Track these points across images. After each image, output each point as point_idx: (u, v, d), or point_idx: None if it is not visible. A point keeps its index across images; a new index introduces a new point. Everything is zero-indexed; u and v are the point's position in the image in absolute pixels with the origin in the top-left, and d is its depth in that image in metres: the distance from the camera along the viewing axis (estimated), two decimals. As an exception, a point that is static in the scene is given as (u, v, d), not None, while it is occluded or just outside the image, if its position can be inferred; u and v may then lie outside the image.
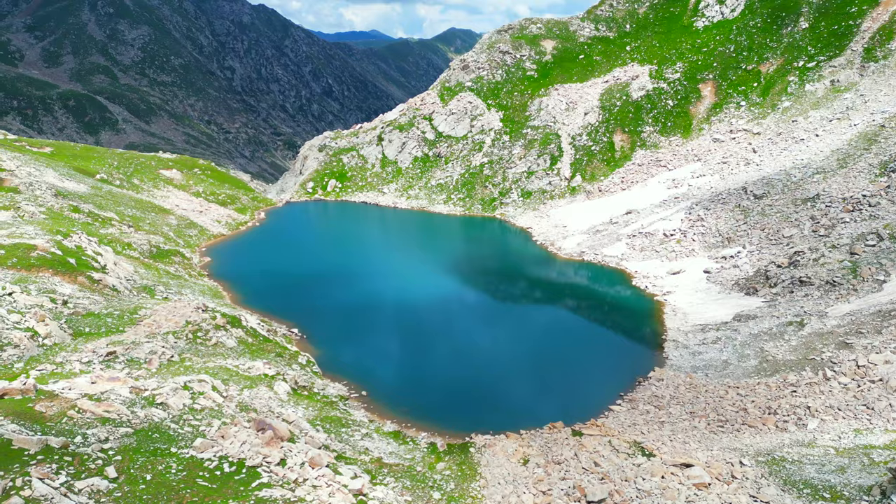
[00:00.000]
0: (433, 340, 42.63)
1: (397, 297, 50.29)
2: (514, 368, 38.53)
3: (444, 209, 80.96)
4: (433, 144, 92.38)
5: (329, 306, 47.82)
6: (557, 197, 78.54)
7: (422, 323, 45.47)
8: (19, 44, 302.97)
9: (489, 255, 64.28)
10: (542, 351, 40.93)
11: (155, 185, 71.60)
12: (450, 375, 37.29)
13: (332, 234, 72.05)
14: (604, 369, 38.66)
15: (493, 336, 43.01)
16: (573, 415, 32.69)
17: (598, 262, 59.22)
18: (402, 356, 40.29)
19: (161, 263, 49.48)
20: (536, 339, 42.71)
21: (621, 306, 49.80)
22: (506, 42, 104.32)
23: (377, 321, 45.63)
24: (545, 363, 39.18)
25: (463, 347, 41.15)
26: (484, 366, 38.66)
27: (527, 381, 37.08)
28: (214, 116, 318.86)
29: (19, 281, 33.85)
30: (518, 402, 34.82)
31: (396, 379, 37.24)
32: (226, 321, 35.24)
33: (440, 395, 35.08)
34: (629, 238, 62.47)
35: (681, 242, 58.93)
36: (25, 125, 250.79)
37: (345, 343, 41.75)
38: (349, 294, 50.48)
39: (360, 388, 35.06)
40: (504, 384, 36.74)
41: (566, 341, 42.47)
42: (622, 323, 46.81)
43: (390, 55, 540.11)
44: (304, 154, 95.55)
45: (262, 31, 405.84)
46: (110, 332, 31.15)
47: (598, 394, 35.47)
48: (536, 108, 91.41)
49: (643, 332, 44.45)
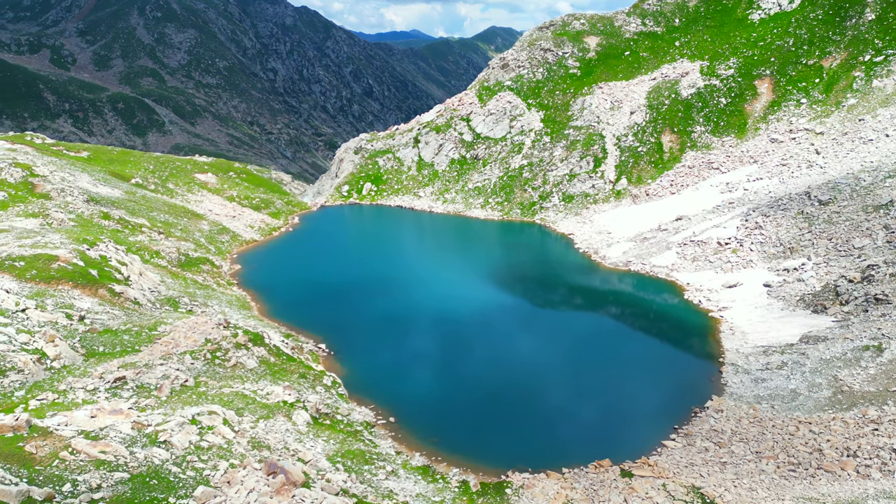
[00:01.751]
0: (467, 359, 39.83)
1: (430, 310, 47.68)
2: (555, 393, 35.41)
3: (481, 214, 78.03)
4: (471, 146, 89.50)
5: (359, 319, 45.55)
6: (601, 201, 74.62)
7: (456, 339, 42.73)
8: (72, 48, 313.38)
9: (528, 263, 61.02)
10: (586, 373, 37.66)
11: (189, 190, 70.88)
12: (485, 399, 34.45)
13: (366, 240, 69.96)
14: (655, 397, 35.17)
15: (532, 356, 39.94)
16: (622, 451, 29.43)
17: (645, 273, 55.37)
18: (435, 376, 37.63)
19: (189, 272, 48.13)
20: (579, 360, 39.43)
21: (672, 323, 45.98)
22: (547, 39, 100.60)
23: (409, 336, 43.13)
24: (590, 388, 35.93)
25: (499, 368, 38.24)
26: (522, 389, 35.67)
27: (570, 409, 33.93)
28: (257, 117, 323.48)
29: (36, 295, 32.56)
30: (560, 434, 31.71)
31: (427, 402, 34.59)
32: (247, 339, 33.24)
33: (474, 423, 32.27)
34: (679, 247, 58.35)
35: (737, 252, 54.56)
36: (76, 127, 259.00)
37: (374, 360, 39.37)
38: (380, 305, 48.13)
39: (388, 413, 32.55)
40: (544, 411, 33.68)
41: (612, 363, 39.07)
42: (674, 342, 43.05)
43: (430, 55, 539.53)
44: (339, 156, 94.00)
45: (304, 33, 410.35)
46: (125, 352, 29.45)
47: (649, 426, 32.06)
48: (579, 108, 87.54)
49: (698, 354, 40.66)
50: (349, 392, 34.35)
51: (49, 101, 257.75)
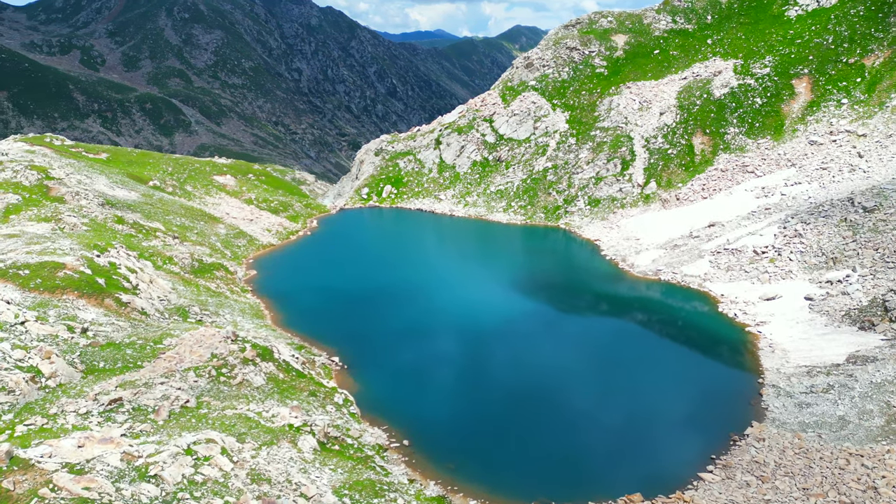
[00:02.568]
0: (487, 375, 37.73)
1: (449, 321, 45.68)
2: (581, 416, 33.13)
3: (504, 217, 75.77)
4: (493, 148, 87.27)
5: (375, 329, 43.77)
6: (629, 205, 71.82)
7: (475, 354, 40.66)
8: (101, 49, 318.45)
9: (552, 271, 58.58)
10: (614, 394, 35.30)
11: (207, 192, 69.96)
12: (506, 421, 32.34)
13: (384, 245, 68.20)
14: (689, 421, 32.66)
15: (557, 373, 37.67)
16: (654, 483, 27.10)
17: (676, 283, 52.64)
18: (453, 394, 35.61)
19: (202, 279, 46.87)
20: (607, 378, 37.07)
21: (706, 338, 43.28)
22: (573, 37, 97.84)
23: (427, 349, 41.15)
24: (618, 410, 33.57)
25: (521, 386, 36.07)
26: (545, 410, 33.49)
27: (597, 434, 31.64)
28: (281, 117, 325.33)
29: (39, 305, 31.34)
30: (587, 462, 29.47)
31: (445, 423, 32.61)
32: (255, 353, 31.62)
33: (494, 447, 30.18)
34: (713, 255, 55.45)
35: (775, 262, 51.52)
36: (105, 127, 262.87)
37: (389, 375, 37.51)
38: (398, 315, 46.31)
39: (402, 435, 30.64)
40: (570, 436, 31.45)
41: (642, 382, 36.62)
42: (708, 360, 40.37)
43: (454, 54, 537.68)
44: (360, 158, 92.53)
45: (329, 33, 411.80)
46: (126, 368, 28.00)
47: (683, 455, 29.62)
48: (606, 108, 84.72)
49: (735, 373, 37.98)
50: (362, 411, 32.54)
51: (78, 101, 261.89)
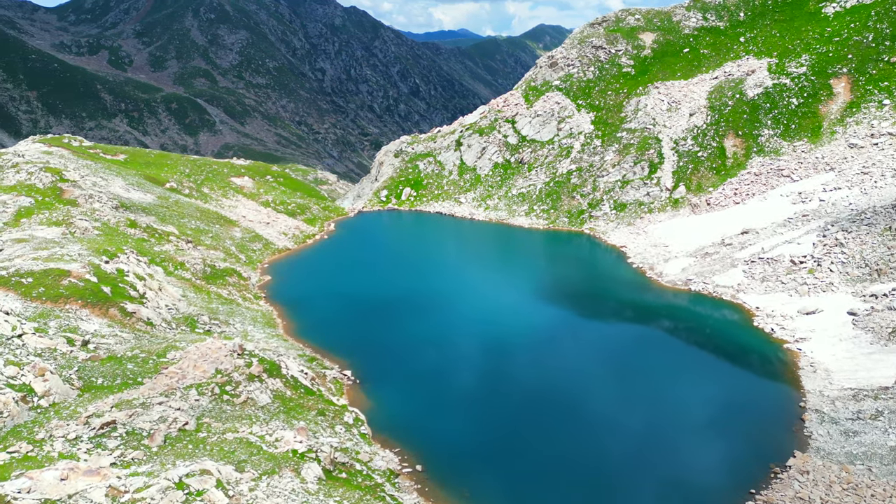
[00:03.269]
0: (508, 393, 35.66)
1: (467, 333, 43.72)
2: (607, 442, 30.92)
3: (526, 222, 73.49)
4: (515, 149, 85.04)
5: (390, 340, 42.00)
6: (657, 210, 69.03)
7: (495, 370, 38.64)
8: (129, 49, 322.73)
9: (576, 279, 56.14)
10: (643, 418, 32.99)
11: (224, 194, 69.01)
12: (526, 445, 30.30)
13: (402, 249, 66.42)
14: (725, 450, 30.23)
15: (581, 393, 35.47)
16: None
17: (707, 294, 49.94)
18: (470, 413, 33.65)
19: (214, 285, 45.61)
20: (635, 401, 34.74)
21: (741, 356, 40.64)
22: (599, 36, 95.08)
23: (444, 363, 39.23)
24: (648, 436, 31.27)
25: (543, 407, 33.97)
26: (569, 434, 31.38)
27: (624, 463, 29.39)
28: (305, 117, 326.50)
29: (40, 316, 30.16)
30: (614, 495, 27.27)
31: (460, 446, 30.67)
32: (262, 369, 30.04)
33: (513, 475, 28.16)
34: (746, 264, 52.60)
35: (814, 273, 48.55)
36: (132, 127, 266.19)
37: (404, 391, 35.71)
38: (414, 326, 44.48)
39: (416, 459, 28.79)
40: (595, 464, 29.31)
41: (673, 405, 34.24)
42: (744, 380, 37.76)
43: (477, 53, 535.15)
44: (379, 159, 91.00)
45: (352, 33, 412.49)
46: (125, 385, 26.61)
47: (720, 489, 27.26)
48: (633, 109, 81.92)
49: (774, 396, 35.37)
50: (373, 431, 30.78)
51: (106, 101, 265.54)
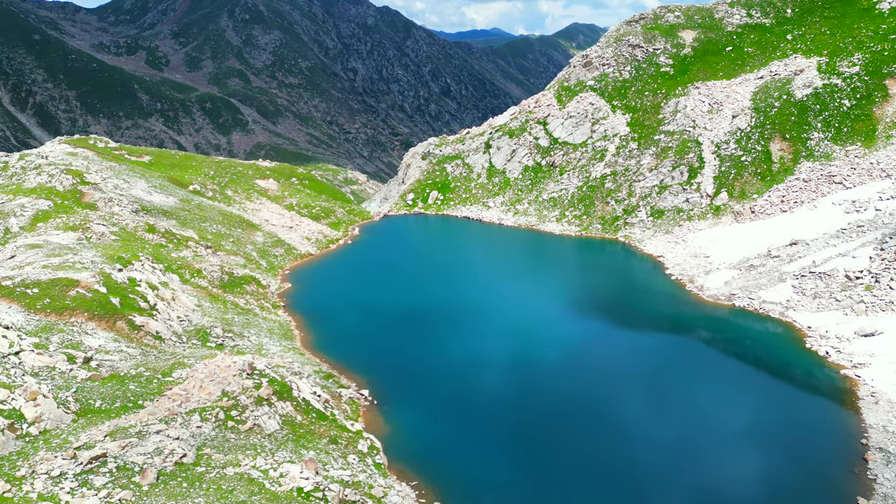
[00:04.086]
0: (537, 419, 33.03)
1: (495, 349, 41.20)
2: (648, 479, 28.07)
3: (557, 228, 70.52)
4: (547, 152, 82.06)
5: (413, 356, 39.79)
6: (697, 218, 65.36)
7: (522, 391, 36.03)
8: (165, 49, 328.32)
9: (610, 292, 52.91)
10: (686, 451, 30.08)
11: (248, 197, 67.81)
12: (557, 479, 27.70)
13: (428, 256, 64.08)
14: (777, 494, 27.09)
15: (617, 421, 32.61)
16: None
17: (753, 310, 46.44)
18: (496, 440, 31.15)
19: (230, 294, 44.05)
20: (677, 431, 31.78)
21: (793, 382, 37.25)
22: (636, 34, 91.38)
23: (469, 382, 36.76)
24: (692, 476, 28.36)
25: (577, 436, 31.30)
26: (605, 466, 28.67)
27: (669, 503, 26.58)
28: (336, 117, 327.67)
29: (42, 330, 28.74)
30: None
31: (485, 479, 28.24)
32: (272, 391, 28.07)
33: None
34: (796, 279, 48.87)
35: (872, 290, 44.67)
36: (167, 126, 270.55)
37: (425, 413, 33.45)
38: (438, 340, 42.19)
39: (435, 495, 26.45)
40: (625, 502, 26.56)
41: (718, 439, 31.20)
42: (797, 410, 34.35)
43: (509, 52, 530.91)
44: (406, 162, 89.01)
45: (384, 33, 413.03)
46: (124, 409, 24.90)
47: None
48: (672, 110, 78.19)
49: (831, 430, 32.00)
50: (389, 459, 28.55)
51: (143, 100, 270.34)
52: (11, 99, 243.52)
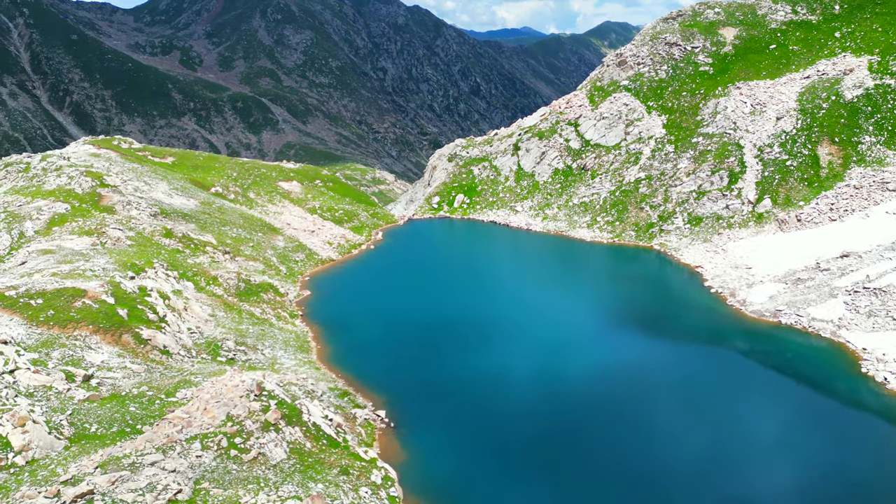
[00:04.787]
0: (567, 448, 30.55)
1: (520, 367, 38.77)
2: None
3: (588, 235, 67.59)
4: (578, 155, 79.06)
5: (435, 373, 37.65)
6: (738, 226, 61.77)
7: (551, 414, 33.52)
8: (199, 49, 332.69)
9: (645, 305, 49.77)
10: (732, 487, 27.26)
11: (271, 200, 66.53)
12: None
13: (452, 263, 61.73)
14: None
15: (658, 457, 29.82)
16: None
17: (801, 329, 43.04)
18: (521, 470, 28.80)
19: (246, 303, 42.51)
20: (718, 466, 28.97)
21: (847, 412, 34.02)
22: (674, 32, 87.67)
23: (494, 404, 34.42)
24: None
25: (610, 470, 28.76)
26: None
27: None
28: (365, 116, 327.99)
29: (43, 345, 27.36)
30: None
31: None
32: (280, 415, 26.21)
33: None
34: (849, 294, 45.27)
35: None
36: (199, 125, 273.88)
37: (445, 439, 31.25)
38: (462, 356, 39.93)
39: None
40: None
41: (766, 471, 28.27)
42: (849, 442, 31.16)
43: (540, 51, 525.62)
44: (432, 163, 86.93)
45: (415, 32, 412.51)
46: (121, 435, 23.30)
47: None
48: (711, 112, 74.49)
49: (889, 462, 28.81)
50: (405, 492, 26.44)
51: (176, 100, 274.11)
52: (49, 98, 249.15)
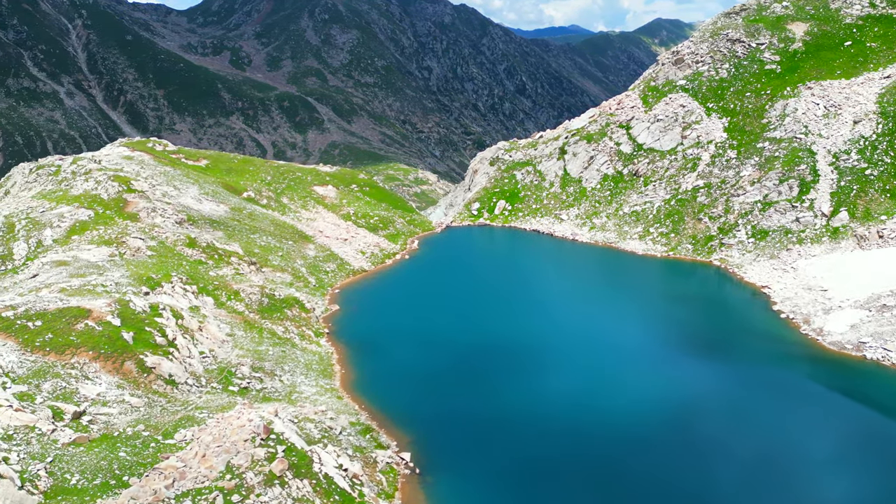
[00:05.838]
0: (618, 501, 26.39)
1: (567, 404, 34.50)
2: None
3: (639, 247, 62.55)
4: (629, 159, 73.89)
5: (470, 407, 33.88)
6: (809, 241, 55.75)
7: (605, 467, 29.29)
8: (248, 50, 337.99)
9: (704, 331, 44.51)
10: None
11: (304, 205, 64.02)
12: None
13: (492, 276, 57.44)
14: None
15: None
16: None
17: (891, 365, 37.42)
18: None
19: (269, 320, 39.70)
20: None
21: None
22: (736, 27, 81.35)
23: (538, 446, 30.42)
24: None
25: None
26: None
27: None
28: (409, 116, 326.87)
29: (34, 375, 24.88)
30: None
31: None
32: (287, 466, 23.00)
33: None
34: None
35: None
36: (246, 124, 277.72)
37: (479, 488, 27.52)
38: (502, 385, 36.07)
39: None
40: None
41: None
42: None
43: (588, 49, 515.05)
44: (473, 167, 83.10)
45: (461, 31, 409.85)
46: (104, 488, 20.45)
47: None
48: (778, 114, 68.24)
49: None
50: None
51: (225, 99, 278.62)
52: (104, 97, 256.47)
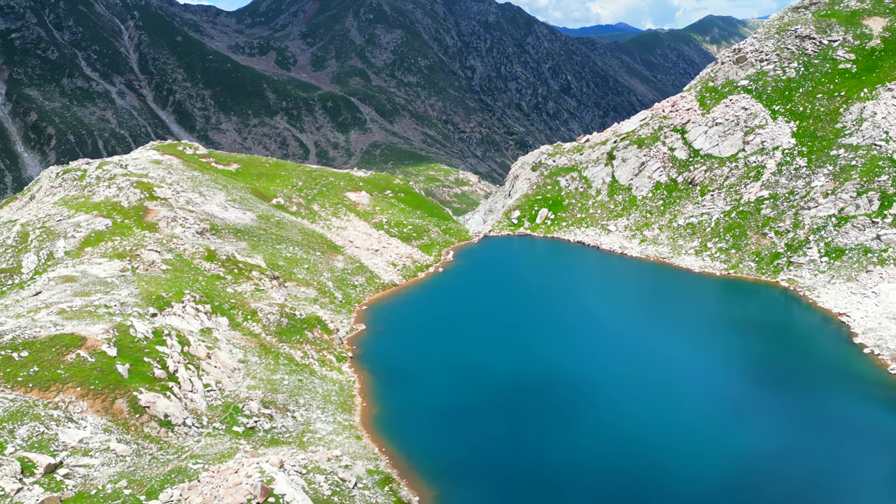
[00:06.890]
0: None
1: (620, 452, 30.08)
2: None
3: (696, 263, 57.14)
4: (685, 166, 68.28)
5: (505, 455, 29.86)
6: (893, 262, 49.45)
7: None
8: (294, 50, 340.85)
9: (772, 368, 39.00)
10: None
11: (335, 213, 61.02)
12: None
13: (533, 295, 52.70)
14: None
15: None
16: None
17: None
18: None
19: (287, 344, 36.54)
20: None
21: None
22: (806, 22, 74.61)
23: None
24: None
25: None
26: None
27: None
28: (451, 116, 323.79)
29: (10, 418, 22.15)
30: None
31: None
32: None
33: None
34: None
35: None
36: (290, 124, 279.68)
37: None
38: (543, 427, 31.96)
39: None
40: None
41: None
42: None
43: (635, 47, 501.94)
44: (514, 172, 78.72)
45: (505, 30, 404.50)
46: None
47: None
48: (855, 118, 61.64)
49: None
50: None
51: (269, 99, 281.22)
52: (154, 97, 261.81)
